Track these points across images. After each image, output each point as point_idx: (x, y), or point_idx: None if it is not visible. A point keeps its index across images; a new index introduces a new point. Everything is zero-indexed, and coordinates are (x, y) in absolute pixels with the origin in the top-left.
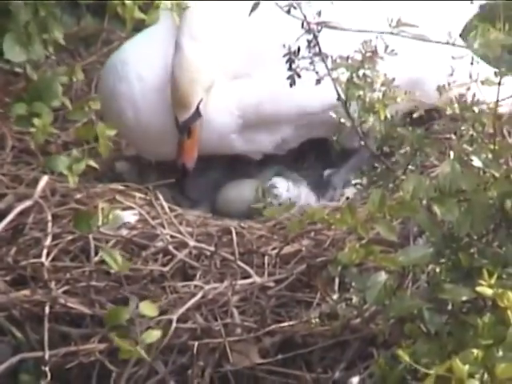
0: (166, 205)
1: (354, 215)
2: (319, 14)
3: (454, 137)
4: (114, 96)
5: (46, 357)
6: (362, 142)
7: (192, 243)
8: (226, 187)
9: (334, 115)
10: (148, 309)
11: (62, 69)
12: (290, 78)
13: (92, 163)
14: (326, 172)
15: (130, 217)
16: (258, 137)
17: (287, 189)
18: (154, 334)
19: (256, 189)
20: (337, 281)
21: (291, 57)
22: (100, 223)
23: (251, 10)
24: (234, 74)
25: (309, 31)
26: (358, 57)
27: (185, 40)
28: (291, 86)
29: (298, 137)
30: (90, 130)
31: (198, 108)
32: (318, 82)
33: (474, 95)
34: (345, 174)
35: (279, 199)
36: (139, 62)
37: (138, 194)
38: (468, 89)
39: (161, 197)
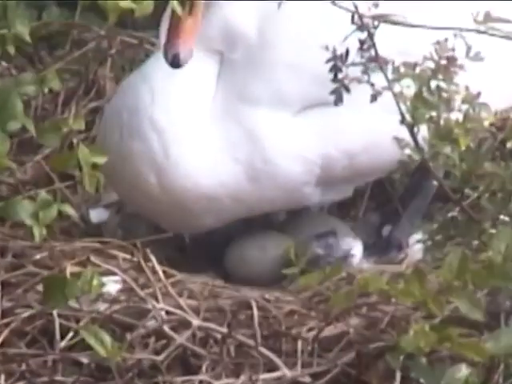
0: (159, 268)
1: (422, 284)
2: (376, 4)
3: None
4: (125, 157)
5: None
6: (435, 182)
7: (196, 322)
8: (242, 243)
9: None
10: None
11: (27, 76)
12: (334, 92)
13: (69, 209)
14: (386, 229)
15: (110, 285)
16: (338, 186)
17: (334, 247)
18: None
19: (287, 247)
20: (398, 376)
21: (337, 63)
22: (79, 293)
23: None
24: (305, 101)
25: (361, 27)
26: (430, 64)
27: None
28: (336, 104)
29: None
30: (70, 158)
31: None
32: (374, 98)
33: None
34: (409, 225)
35: (323, 260)
36: (156, 104)
37: (121, 254)
38: None
39: (153, 257)
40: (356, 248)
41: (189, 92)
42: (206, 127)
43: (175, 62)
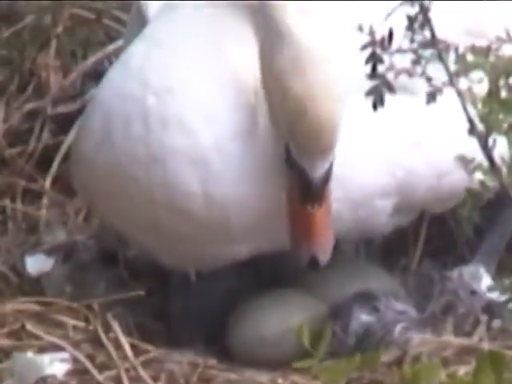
0: (125, 341)
1: (499, 376)
2: None
3: None
4: (153, 156)
5: None
6: None
7: None
8: (248, 306)
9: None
10: None
11: None
12: (372, 92)
13: None
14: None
15: (54, 365)
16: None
17: (382, 315)
18: None
19: (298, 332)
20: None
21: (376, 50)
22: None
23: None
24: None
25: None
26: (509, 50)
27: (293, 19)
28: (375, 108)
29: None
30: None
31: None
32: (432, 97)
33: None
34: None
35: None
36: (200, 87)
37: (70, 320)
38: None
39: (116, 325)
40: (407, 314)
41: (238, 65)
42: (256, 114)
43: (313, 264)
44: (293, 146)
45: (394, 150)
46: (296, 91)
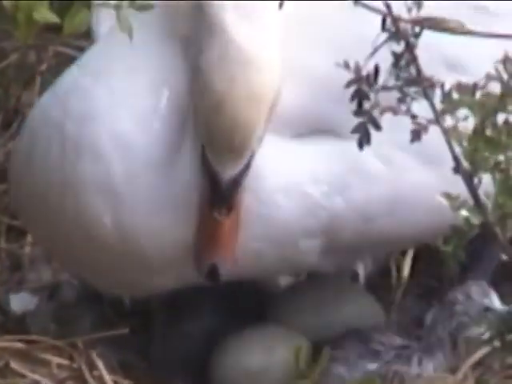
0: (109, 379)
1: None
2: (418, 4)
3: None
4: (68, 184)
5: None
6: (506, 256)
7: None
8: (231, 341)
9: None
10: None
11: None
12: (357, 130)
13: None
14: (430, 317)
15: None
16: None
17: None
18: None
19: (296, 353)
20: None
21: (361, 87)
22: None
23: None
24: (300, 128)
25: (396, 36)
26: (495, 87)
27: (230, 18)
28: (361, 147)
29: None
30: None
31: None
32: (417, 136)
33: None
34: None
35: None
36: (115, 113)
37: (54, 358)
38: None
39: (100, 364)
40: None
41: (162, 94)
42: (179, 144)
43: (212, 276)
44: (207, 145)
45: (317, 193)
46: (216, 87)
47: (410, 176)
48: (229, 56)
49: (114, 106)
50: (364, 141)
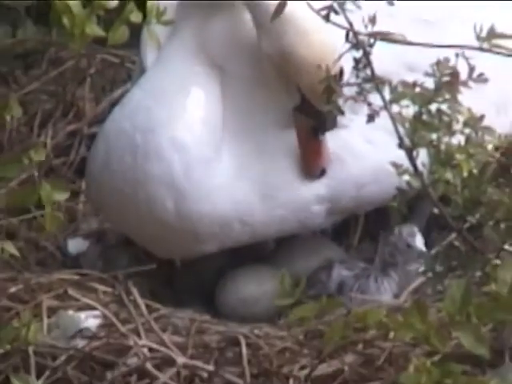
0: (142, 302)
1: (424, 318)
2: (373, 19)
3: None
4: (139, 181)
5: None
6: (437, 210)
7: (181, 360)
8: (235, 277)
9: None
10: None
11: None
12: (327, 115)
13: (10, 248)
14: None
15: (88, 320)
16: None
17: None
18: None
19: (281, 279)
20: None
21: (330, 83)
22: (45, 331)
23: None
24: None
25: (356, 45)
26: (430, 83)
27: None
28: (330, 129)
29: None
30: (31, 194)
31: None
32: (371, 118)
33: None
34: (418, 230)
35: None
36: (172, 125)
37: (100, 287)
38: None
39: (135, 291)
40: (369, 268)
41: (204, 108)
42: (220, 145)
43: (321, 175)
44: (310, 95)
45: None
46: (308, 53)
47: (387, 150)
48: (305, 30)
49: (171, 119)
50: (332, 125)
